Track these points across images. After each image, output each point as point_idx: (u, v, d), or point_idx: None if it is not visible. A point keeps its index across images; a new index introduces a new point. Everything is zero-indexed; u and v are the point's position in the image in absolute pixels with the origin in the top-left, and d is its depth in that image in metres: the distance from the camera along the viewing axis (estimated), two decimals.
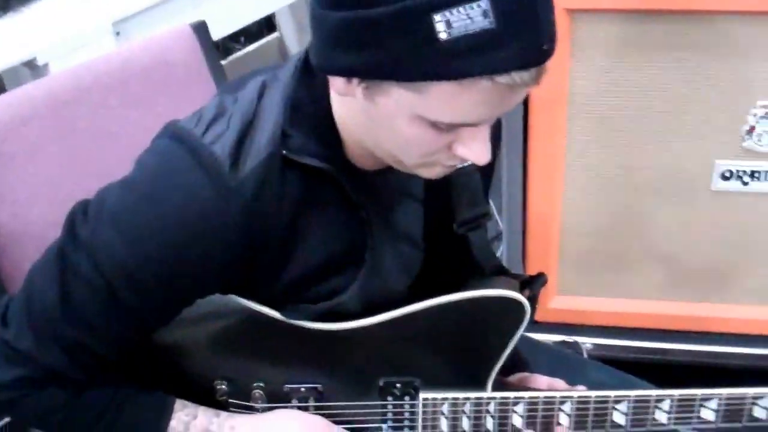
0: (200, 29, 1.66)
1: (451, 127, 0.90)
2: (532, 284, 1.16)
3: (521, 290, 1.14)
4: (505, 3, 0.80)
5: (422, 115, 0.88)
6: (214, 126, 1.01)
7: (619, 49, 1.69)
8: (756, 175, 1.79)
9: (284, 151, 0.99)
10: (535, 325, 2.07)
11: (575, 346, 2.06)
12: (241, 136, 0.99)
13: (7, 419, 1.33)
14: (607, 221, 1.92)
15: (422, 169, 1.00)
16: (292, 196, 1.01)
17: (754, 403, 1.18)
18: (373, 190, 1.08)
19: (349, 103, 0.96)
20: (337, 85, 0.92)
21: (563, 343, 2.06)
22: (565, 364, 1.47)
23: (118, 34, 2.00)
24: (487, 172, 1.24)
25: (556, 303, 2.07)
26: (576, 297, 2.06)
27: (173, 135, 1.02)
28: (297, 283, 1.08)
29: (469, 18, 0.79)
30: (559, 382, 1.23)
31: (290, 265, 1.06)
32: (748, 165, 1.78)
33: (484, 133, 0.94)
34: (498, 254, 2.15)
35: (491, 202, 2.20)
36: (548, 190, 1.89)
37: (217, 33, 2.02)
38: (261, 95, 1.03)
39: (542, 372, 1.30)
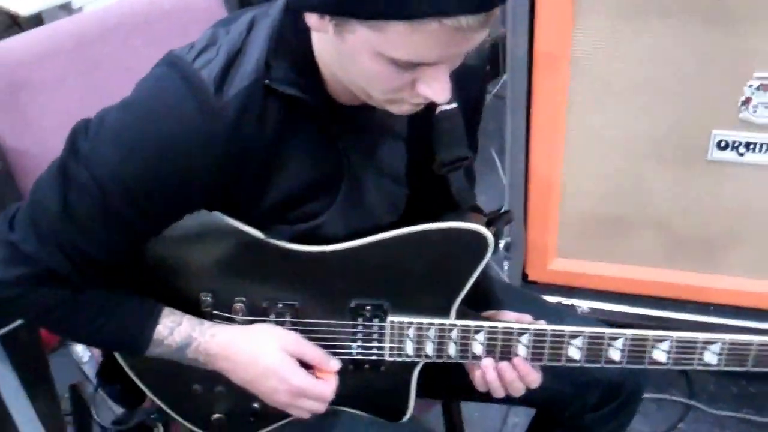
0: None
1: (410, 66, 0.98)
2: (498, 220, 1.24)
3: (487, 226, 1.22)
4: None
5: (382, 53, 0.96)
6: (204, 54, 1.10)
7: (620, 13, 1.74)
8: (752, 146, 1.83)
9: (266, 81, 1.08)
10: (534, 286, 2.16)
11: (571, 308, 2.13)
12: (228, 64, 1.09)
13: (16, 323, 1.46)
14: (606, 185, 1.98)
15: (391, 105, 1.08)
16: (272, 123, 1.11)
17: (704, 348, 1.24)
18: (353, 124, 1.17)
19: (324, 39, 1.04)
20: (311, 21, 1.01)
21: (560, 305, 2.13)
22: (545, 310, 1.53)
23: None
24: (472, 119, 1.32)
25: (555, 265, 2.14)
26: (575, 260, 2.12)
27: (168, 61, 1.12)
28: (278, 206, 1.17)
29: None
30: (526, 317, 1.30)
31: (271, 188, 1.15)
32: (744, 136, 1.82)
33: (444, 73, 1.01)
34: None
35: (500, 170, 2.29)
36: (550, 152, 1.95)
37: None
38: (250, 28, 1.12)
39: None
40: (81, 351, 1.65)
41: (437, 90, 1.01)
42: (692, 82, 1.79)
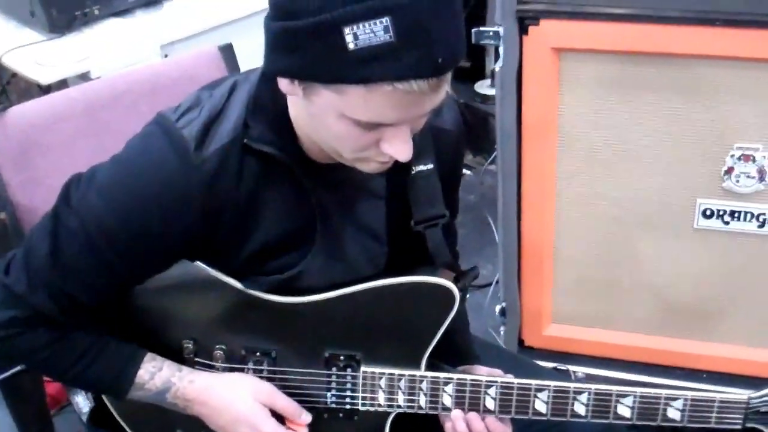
0: (226, 51, 1.87)
1: (372, 126, 1.06)
2: (465, 276, 1.30)
3: (455, 282, 1.28)
4: (404, 21, 0.96)
5: (345, 114, 1.04)
6: (188, 114, 1.20)
7: (604, 87, 1.81)
8: (736, 215, 1.87)
9: (245, 140, 1.17)
10: (531, 351, 2.19)
11: (566, 374, 2.15)
12: (208, 123, 1.18)
13: (14, 369, 1.53)
14: (597, 252, 2.02)
15: (359, 163, 1.15)
16: (249, 179, 1.19)
17: (667, 404, 1.28)
18: (329, 181, 1.24)
19: (296, 101, 1.13)
20: (282, 85, 1.10)
21: (555, 370, 2.16)
22: (523, 369, 1.57)
23: (165, 56, 2.22)
24: (450, 179, 1.39)
25: (550, 330, 2.17)
26: (570, 326, 2.15)
27: (156, 121, 1.22)
28: (255, 257, 1.24)
29: (373, 32, 0.95)
30: (497, 371, 1.35)
31: (248, 239, 1.23)
32: (729, 205, 1.86)
33: (405, 133, 1.09)
34: (494, 280, 2.27)
35: (496, 236, 2.34)
36: (540, 220, 2.01)
37: (250, 64, 2.22)
38: (231, 92, 1.22)
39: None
40: (81, 401, 1.71)
41: (399, 149, 1.09)
42: (675, 152, 1.85)
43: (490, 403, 1.29)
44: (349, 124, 1.05)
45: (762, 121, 1.76)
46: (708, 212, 1.89)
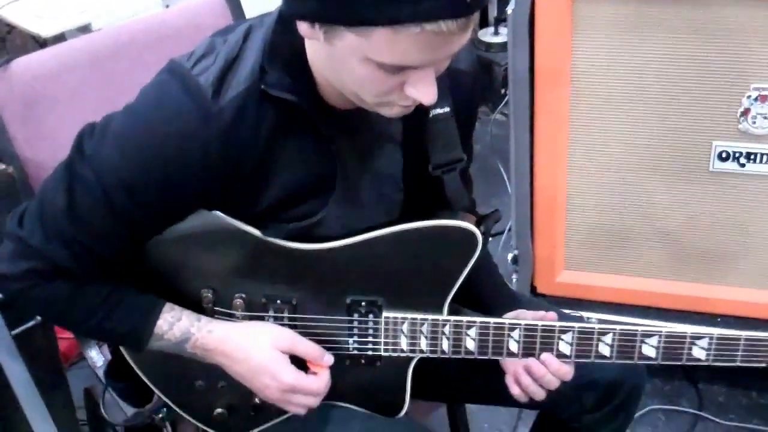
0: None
1: (397, 69, 1.03)
2: (486, 219, 1.28)
3: (477, 225, 1.26)
4: None
5: (370, 57, 1.01)
6: (202, 61, 1.16)
7: (618, 29, 1.79)
8: (752, 156, 1.86)
9: (262, 86, 1.14)
10: (543, 298, 2.19)
11: (581, 320, 2.15)
12: (225, 70, 1.15)
13: (35, 321, 1.51)
14: (610, 198, 2.01)
15: (382, 108, 1.12)
16: (267, 126, 1.16)
17: (693, 343, 1.27)
18: (347, 127, 1.22)
19: (316, 45, 1.10)
20: (303, 29, 1.06)
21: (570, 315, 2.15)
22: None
23: (167, 6, 2.18)
24: (466, 122, 1.36)
25: (563, 277, 2.17)
26: (582, 272, 2.15)
27: (168, 69, 1.18)
28: (274, 205, 1.22)
29: None
30: (552, 315, 1.33)
31: (267, 188, 1.21)
32: (745, 146, 1.85)
33: (430, 76, 1.06)
34: (506, 228, 2.26)
35: (508, 186, 2.33)
36: (554, 166, 1.99)
37: (255, 11, 2.18)
38: (246, 37, 1.18)
39: None
40: (95, 356, 1.70)
41: (424, 92, 1.06)
42: (691, 95, 1.83)
43: (513, 346, 1.28)
44: (373, 67, 1.03)
45: None
46: (724, 155, 1.87)
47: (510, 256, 2.17)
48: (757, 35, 1.73)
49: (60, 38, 2.16)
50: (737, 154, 1.87)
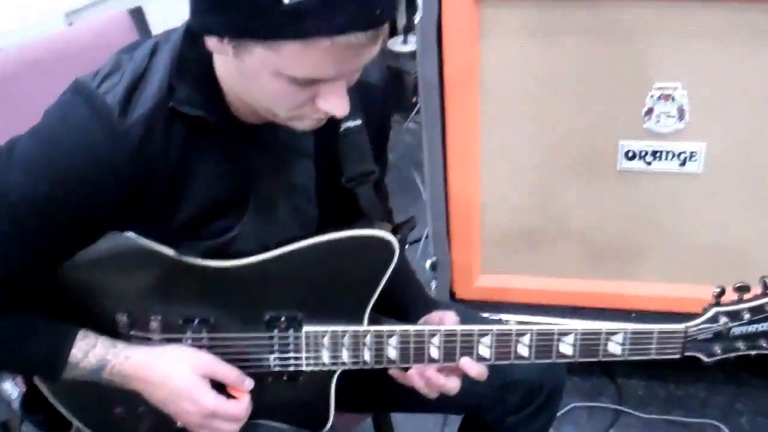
0: (136, 14, 1.80)
1: (308, 83, 1.03)
2: (402, 227, 1.28)
3: (393, 233, 1.26)
4: None
5: (281, 71, 1.01)
6: (108, 79, 1.14)
7: (524, 33, 1.82)
8: (658, 154, 1.91)
9: (171, 103, 1.12)
10: (462, 303, 2.21)
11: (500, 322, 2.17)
12: (131, 88, 1.12)
13: None
14: (523, 199, 2.04)
15: (294, 121, 1.12)
16: (177, 143, 1.14)
17: (608, 339, 1.29)
18: (258, 142, 1.21)
19: (225, 61, 1.09)
20: (211, 44, 1.05)
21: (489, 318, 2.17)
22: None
23: (71, 24, 2.13)
24: (379, 134, 1.37)
25: (481, 281, 2.20)
26: (499, 275, 2.18)
27: (73, 88, 1.15)
28: (187, 223, 1.20)
29: None
30: (451, 315, 1.34)
31: (180, 206, 1.18)
32: (650, 145, 1.90)
33: (341, 89, 1.06)
34: (423, 236, 2.26)
35: (422, 191, 2.34)
36: (466, 170, 2.01)
37: (161, 27, 2.16)
38: (153, 53, 1.16)
39: None
40: (10, 388, 1.64)
41: (336, 104, 1.06)
42: (597, 95, 1.87)
43: (434, 353, 1.28)
44: (284, 81, 1.02)
45: (679, 58, 1.79)
46: (630, 154, 1.92)
47: (428, 263, 2.18)
48: (660, 35, 1.78)
49: None
50: (643, 153, 1.92)
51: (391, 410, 1.76)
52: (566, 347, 1.29)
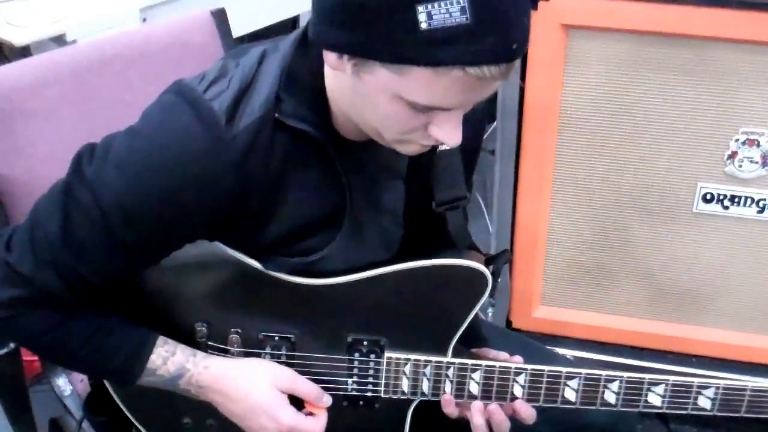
0: (219, 16, 1.77)
1: (427, 109, 1.00)
2: (496, 260, 1.25)
3: (486, 265, 1.22)
4: (482, 2, 0.89)
5: (401, 96, 0.97)
6: (215, 85, 1.11)
7: (611, 66, 1.78)
8: (736, 199, 1.86)
9: (276, 114, 1.09)
10: (518, 333, 2.16)
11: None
12: (239, 96, 1.09)
13: (7, 348, 1.43)
14: (592, 235, 2.00)
15: (400, 145, 1.08)
16: (280, 156, 1.11)
17: (699, 393, 1.25)
18: (357, 161, 1.17)
19: (339, 77, 1.05)
20: (329, 59, 1.01)
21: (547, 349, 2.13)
22: (531, 352, 1.54)
23: (144, 20, 2.11)
24: (470, 160, 1.33)
25: (539, 313, 2.15)
26: (559, 308, 2.13)
27: (177, 90, 1.12)
28: (280, 239, 1.16)
29: (449, 12, 0.89)
30: (517, 358, 1.30)
31: (275, 220, 1.15)
32: (729, 189, 1.86)
33: (457, 118, 1.03)
34: None
35: (486, 217, 2.30)
36: (537, 199, 1.97)
37: (240, 30, 2.14)
38: (261, 62, 1.13)
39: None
40: (63, 384, 1.61)
41: (450, 134, 1.03)
42: (679, 135, 1.83)
43: (518, 391, 1.25)
44: (402, 105, 0.99)
45: None
46: (708, 196, 1.88)
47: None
48: (749, 79, 1.74)
49: (26, 49, 2.08)
50: (721, 197, 1.87)
51: None
52: (655, 398, 1.25)
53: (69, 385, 1.64)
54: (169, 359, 1.19)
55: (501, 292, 2.13)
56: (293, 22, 3.10)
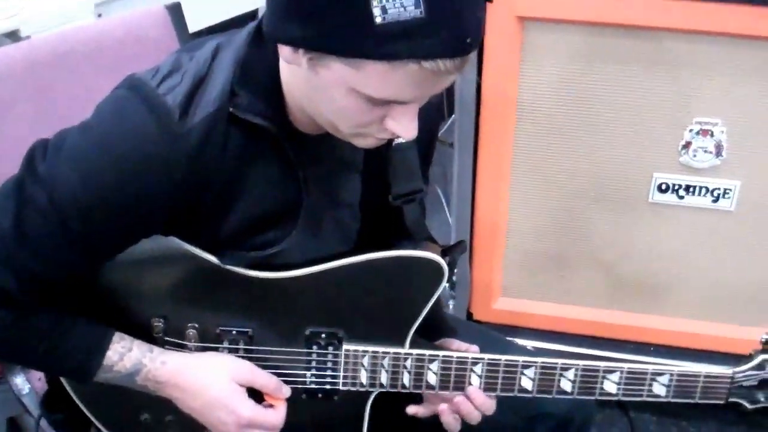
0: (174, 10, 1.76)
1: (383, 103, 1.00)
2: (452, 251, 1.25)
3: (442, 256, 1.23)
4: None
5: (357, 89, 0.97)
6: (168, 79, 1.10)
7: (567, 58, 1.80)
8: (691, 189, 1.89)
9: (231, 108, 1.09)
10: (478, 325, 2.17)
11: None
12: (192, 90, 1.08)
13: None
14: (550, 226, 2.02)
15: (356, 138, 1.08)
16: (234, 150, 1.11)
17: (653, 380, 1.27)
18: (313, 154, 1.17)
19: (294, 70, 1.05)
20: (285, 53, 1.01)
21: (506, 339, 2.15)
22: (491, 343, 1.55)
23: (99, 15, 2.09)
24: (426, 152, 1.34)
25: (499, 304, 2.16)
26: (519, 299, 2.15)
27: (130, 85, 1.11)
28: (236, 233, 1.16)
29: (403, 6, 0.89)
30: (473, 347, 1.31)
31: (230, 214, 1.15)
32: (684, 179, 1.88)
33: (413, 111, 1.03)
34: None
35: (447, 210, 2.31)
36: (495, 190, 1.98)
37: (198, 25, 2.12)
38: (215, 55, 1.12)
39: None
40: (21, 383, 1.59)
41: (406, 127, 1.03)
42: (635, 126, 1.85)
43: (475, 381, 1.25)
44: (358, 99, 0.99)
45: (722, 96, 1.78)
46: (663, 186, 1.90)
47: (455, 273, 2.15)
48: (702, 70, 1.76)
49: None
50: (676, 187, 1.89)
51: None
52: (611, 385, 1.26)
53: (27, 383, 1.62)
54: (126, 355, 1.19)
55: (461, 284, 2.14)
56: (252, 16, 3.08)
